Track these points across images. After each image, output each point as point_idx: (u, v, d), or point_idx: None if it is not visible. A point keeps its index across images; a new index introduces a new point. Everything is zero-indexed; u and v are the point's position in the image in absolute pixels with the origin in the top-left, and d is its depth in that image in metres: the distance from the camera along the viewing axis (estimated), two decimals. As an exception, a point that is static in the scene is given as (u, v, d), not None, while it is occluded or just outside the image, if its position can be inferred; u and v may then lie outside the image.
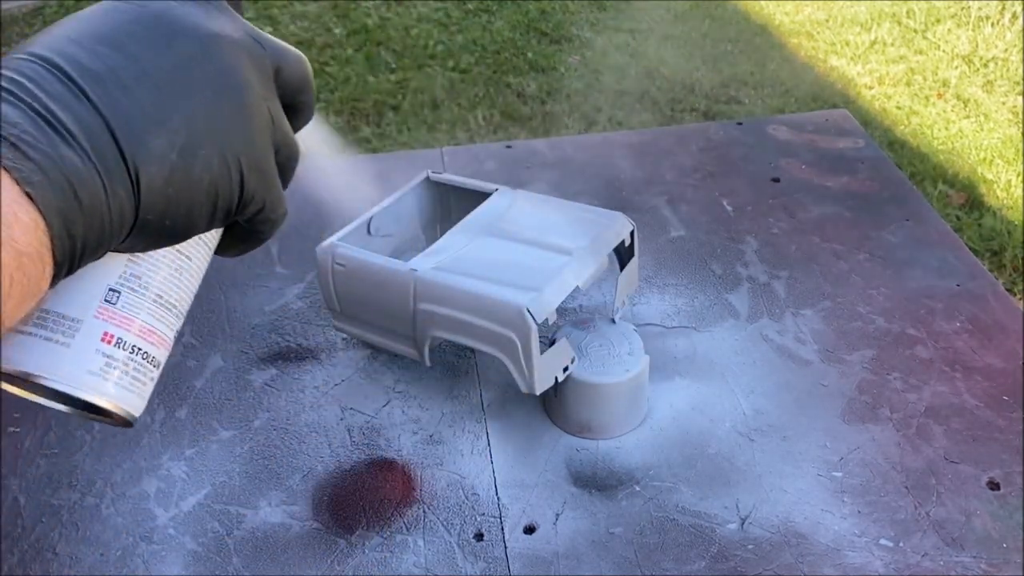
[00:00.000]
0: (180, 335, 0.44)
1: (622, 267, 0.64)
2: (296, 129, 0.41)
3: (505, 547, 0.55)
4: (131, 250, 0.37)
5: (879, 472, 0.58)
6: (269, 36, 0.39)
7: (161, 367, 0.41)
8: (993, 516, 0.55)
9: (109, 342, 0.38)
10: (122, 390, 0.39)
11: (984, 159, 2.18)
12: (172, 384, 0.68)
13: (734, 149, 0.93)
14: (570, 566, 0.54)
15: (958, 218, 1.98)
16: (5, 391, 0.38)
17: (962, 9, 2.91)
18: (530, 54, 2.81)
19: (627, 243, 0.63)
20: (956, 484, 0.57)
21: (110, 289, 0.38)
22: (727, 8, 3.07)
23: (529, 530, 0.56)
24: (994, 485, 0.57)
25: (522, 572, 0.54)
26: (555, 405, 0.62)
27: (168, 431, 0.64)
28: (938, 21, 2.87)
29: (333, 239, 0.64)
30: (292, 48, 0.40)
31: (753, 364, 0.67)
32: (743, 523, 0.56)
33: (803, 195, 0.86)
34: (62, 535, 0.57)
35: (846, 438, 0.61)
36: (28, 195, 0.29)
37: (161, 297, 0.40)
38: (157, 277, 0.40)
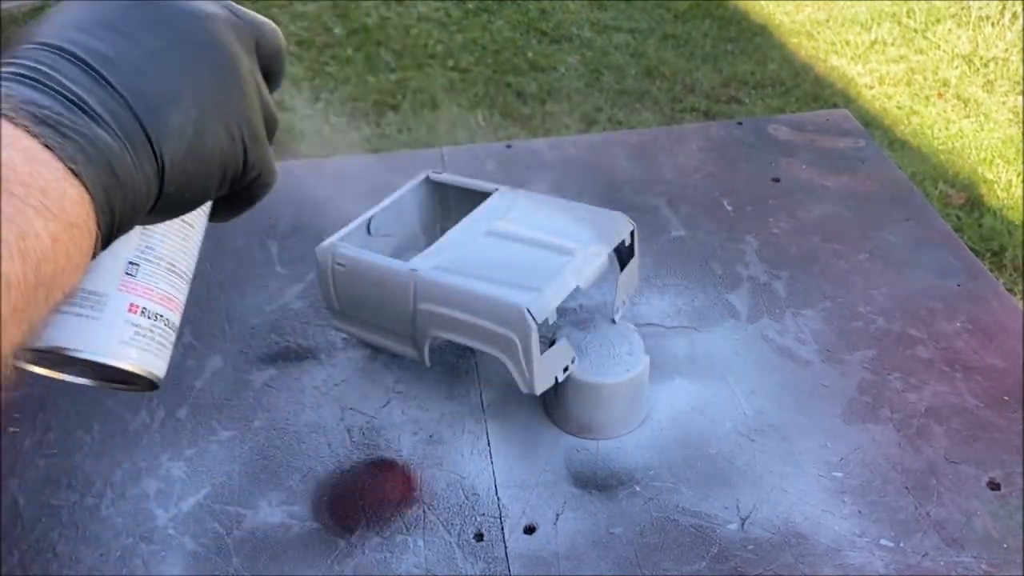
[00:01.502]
0: (180, 333, 0.46)
1: (622, 267, 0.64)
2: (273, 89, 0.43)
3: (505, 547, 0.55)
4: (149, 223, 0.39)
5: (879, 472, 0.58)
6: (244, 9, 0.41)
7: (177, 330, 0.44)
8: (993, 516, 0.55)
9: (135, 312, 0.40)
10: (150, 356, 0.41)
11: (984, 159, 2.18)
12: (172, 384, 0.68)
13: (734, 149, 0.93)
14: (570, 566, 0.54)
15: (958, 218, 1.98)
16: (29, 374, 0.40)
17: (962, 9, 2.91)
18: (530, 54, 2.81)
19: (627, 243, 0.63)
20: (956, 484, 0.57)
21: (129, 262, 0.40)
22: (727, 8, 3.07)
23: (529, 530, 0.56)
24: (994, 485, 0.57)
25: (522, 572, 0.54)
26: (555, 405, 0.62)
27: (168, 431, 0.64)
28: (938, 21, 2.87)
29: (333, 239, 0.64)
30: (267, 20, 0.42)
31: (753, 364, 0.67)
32: (743, 523, 0.56)
33: (803, 195, 0.86)
34: (62, 535, 0.57)
35: (846, 438, 0.61)
36: (73, 172, 0.30)
37: (173, 265, 0.42)
38: (167, 246, 0.42)
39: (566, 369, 0.59)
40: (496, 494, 0.59)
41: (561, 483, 0.59)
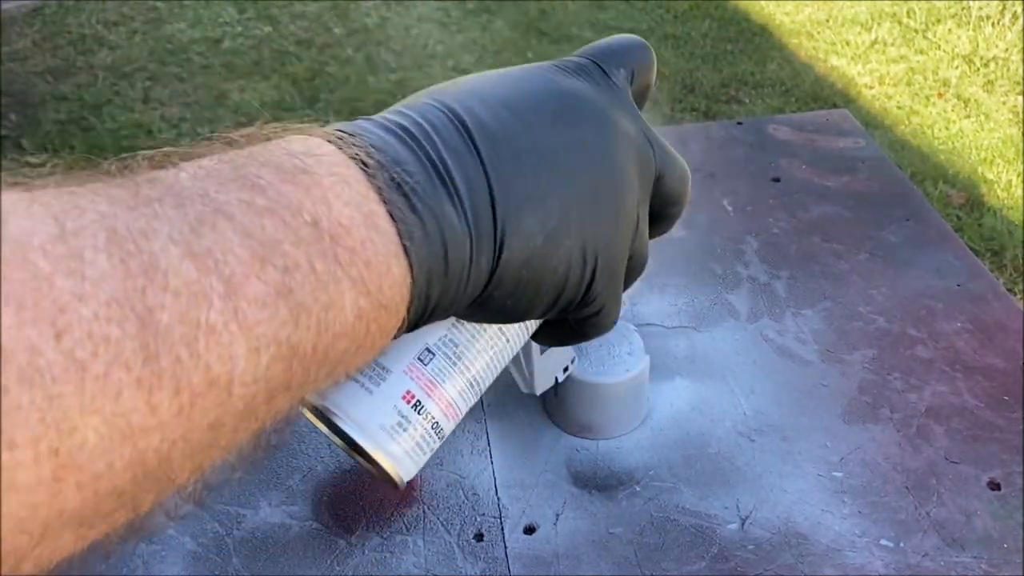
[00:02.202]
0: None
1: (622, 267, 0.64)
2: (652, 238, 0.40)
3: (505, 547, 0.55)
4: (463, 319, 0.36)
5: (879, 472, 0.58)
6: (661, 139, 0.37)
7: (445, 439, 0.40)
8: (993, 516, 0.55)
9: (408, 401, 0.37)
10: (404, 455, 0.38)
11: (984, 159, 2.18)
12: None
13: (734, 149, 0.93)
14: (570, 566, 0.54)
15: (958, 218, 1.98)
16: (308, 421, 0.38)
17: (962, 9, 2.91)
18: (530, 54, 2.81)
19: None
20: (956, 484, 0.57)
21: (426, 349, 0.37)
22: (727, 8, 3.07)
23: (529, 530, 0.56)
24: (994, 485, 0.57)
25: (522, 572, 0.54)
26: (555, 405, 0.62)
27: (168, 431, 0.64)
28: (938, 21, 2.87)
29: (333, 239, 0.64)
30: (679, 158, 0.38)
31: (753, 364, 0.67)
32: (743, 523, 0.56)
33: (803, 195, 0.86)
34: (62, 535, 0.57)
35: (846, 438, 0.61)
36: (404, 248, 0.27)
37: (469, 371, 0.39)
38: (472, 350, 0.39)
39: (566, 369, 0.59)
40: (496, 494, 0.59)
41: (561, 483, 0.59)
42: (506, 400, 0.65)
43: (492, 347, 0.40)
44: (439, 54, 2.83)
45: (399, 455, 0.37)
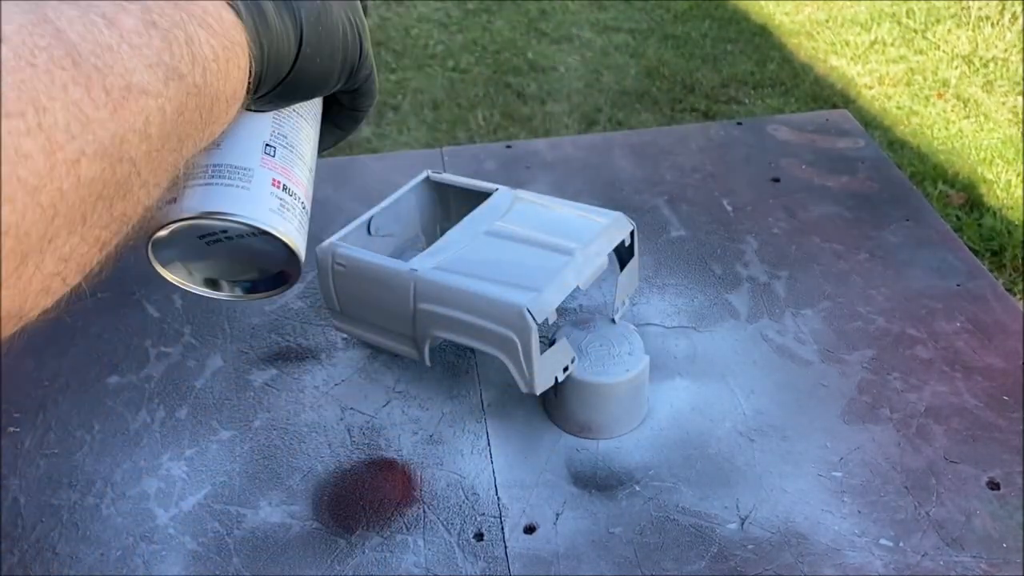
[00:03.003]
0: (180, 333, 0.48)
1: (622, 267, 0.64)
2: None
3: (505, 547, 0.55)
4: (281, 102, 0.42)
5: (879, 472, 0.58)
6: None
7: (308, 218, 0.45)
8: (993, 516, 0.55)
9: (277, 186, 0.42)
10: (293, 230, 0.43)
11: (984, 159, 2.18)
12: (172, 384, 0.68)
13: (734, 149, 0.93)
14: (570, 566, 0.54)
15: (958, 218, 1.98)
16: (166, 280, 0.43)
17: (962, 9, 2.91)
18: (530, 54, 2.81)
19: (627, 243, 0.63)
20: (956, 484, 0.57)
21: (266, 144, 0.43)
22: (727, 8, 3.07)
23: (529, 530, 0.56)
24: (994, 485, 0.57)
25: (522, 572, 0.54)
26: (555, 405, 0.62)
27: (168, 431, 0.64)
28: (938, 21, 2.87)
29: (333, 239, 0.64)
30: None
31: (753, 364, 0.67)
32: (743, 523, 0.56)
33: (803, 195, 0.86)
34: (62, 535, 0.57)
35: (846, 438, 0.61)
36: (229, 4, 0.34)
37: (303, 156, 0.45)
38: (298, 139, 0.45)
39: (566, 369, 0.59)
40: (496, 494, 0.59)
41: (561, 483, 0.59)
42: (506, 400, 0.65)
43: (308, 135, 0.46)
44: (439, 54, 2.83)
45: (291, 231, 0.42)
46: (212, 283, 0.46)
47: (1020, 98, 2.43)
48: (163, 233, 0.40)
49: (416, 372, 0.68)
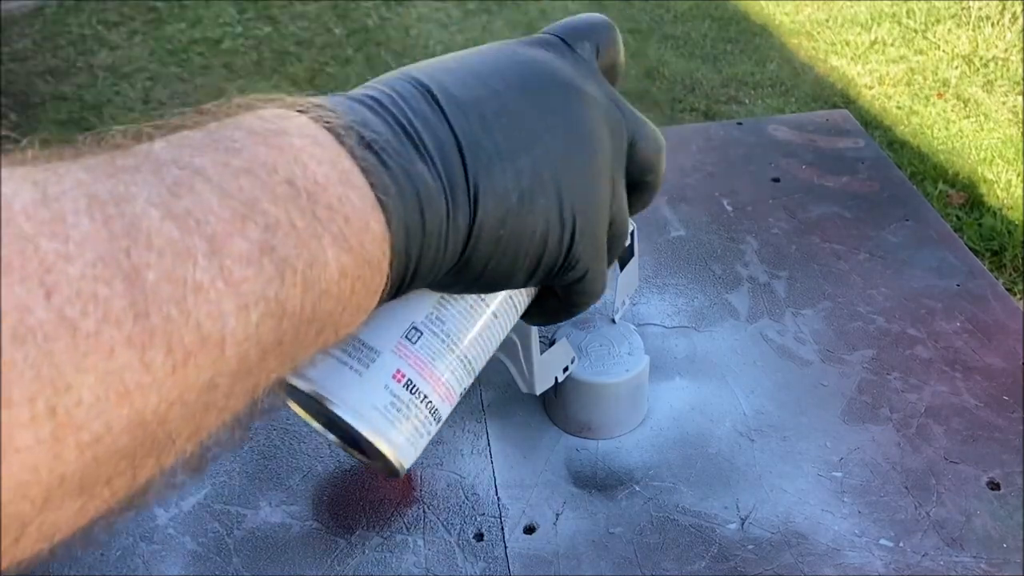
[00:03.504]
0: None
1: (622, 267, 0.64)
2: (633, 211, 0.40)
3: (505, 547, 0.55)
4: (445, 289, 0.36)
5: (879, 472, 0.58)
6: (632, 108, 0.38)
7: (442, 423, 0.39)
8: (993, 516, 0.55)
9: (399, 381, 0.36)
10: (396, 434, 0.36)
11: (984, 159, 2.18)
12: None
13: (734, 149, 0.93)
14: (570, 566, 0.54)
15: (958, 218, 1.98)
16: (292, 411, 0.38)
17: (962, 9, 2.91)
18: (530, 54, 2.80)
19: (627, 243, 0.63)
20: (956, 484, 0.57)
21: (413, 327, 0.37)
22: (727, 8, 3.07)
23: (529, 530, 0.56)
24: (994, 485, 0.57)
25: (522, 572, 0.54)
26: (555, 405, 0.62)
27: (168, 431, 0.64)
28: (938, 21, 2.87)
29: (333, 239, 0.64)
30: (651, 125, 0.38)
31: (753, 364, 0.67)
32: (743, 523, 0.56)
33: (803, 195, 0.86)
34: (62, 535, 0.57)
35: (846, 438, 0.61)
36: (380, 203, 0.28)
37: (460, 349, 0.38)
38: (460, 327, 0.38)
39: (566, 369, 0.59)
40: (496, 494, 0.59)
41: (561, 483, 0.59)
42: (506, 400, 0.65)
43: (481, 323, 0.39)
44: (439, 54, 2.83)
45: (397, 440, 0.36)
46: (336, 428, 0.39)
47: (1020, 98, 2.43)
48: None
49: (416, 372, 0.68)
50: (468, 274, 0.33)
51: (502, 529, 0.56)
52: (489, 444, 0.62)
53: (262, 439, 0.64)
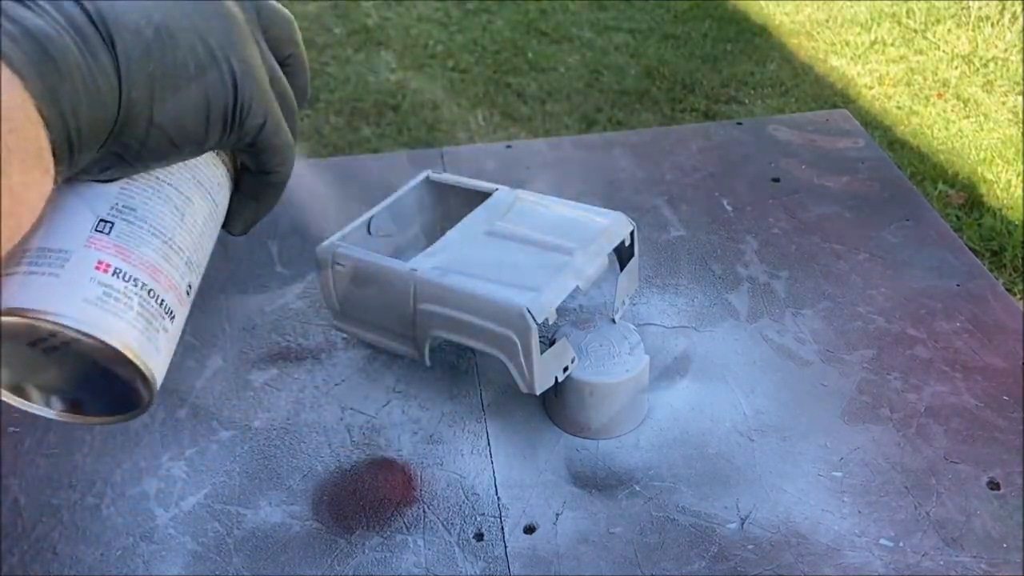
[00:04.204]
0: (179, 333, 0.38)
1: (622, 267, 0.64)
2: (296, 89, 0.40)
3: (505, 547, 0.55)
4: (125, 168, 0.34)
5: (879, 472, 0.58)
6: None
7: (177, 320, 0.36)
8: (993, 516, 0.55)
9: (106, 271, 0.33)
10: (127, 326, 0.33)
11: (984, 159, 2.18)
12: (172, 384, 0.68)
13: (734, 149, 0.93)
14: (570, 566, 0.54)
15: (958, 218, 1.98)
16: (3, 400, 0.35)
17: (962, 9, 2.91)
18: (530, 54, 2.81)
19: (627, 243, 0.63)
20: (956, 484, 0.57)
21: (101, 219, 0.34)
22: (727, 8, 3.07)
23: (529, 530, 0.56)
24: (994, 485, 0.57)
25: (522, 572, 0.54)
26: (555, 405, 0.62)
27: (168, 431, 0.64)
28: (938, 21, 2.87)
29: (333, 239, 0.64)
30: (280, 6, 0.39)
31: (753, 364, 0.67)
32: (743, 523, 0.56)
33: (803, 195, 0.86)
34: (62, 535, 0.57)
35: (846, 438, 0.61)
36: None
37: (162, 233, 0.35)
38: (155, 210, 0.35)
39: (566, 369, 0.59)
40: (496, 494, 0.59)
41: (561, 483, 0.59)
42: (506, 400, 0.65)
43: (178, 207, 0.36)
44: (439, 54, 2.83)
45: (125, 331, 0.32)
46: (74, 405, 0.36)
47: (1020, 98, 2.43)
48: None
49: (416, 372, 0.68)
50: (136, 129, 0.31)
51: (502, 529, 0.56)
52: (489, 444, 0.62)
53: (262, 439, 0.64)
